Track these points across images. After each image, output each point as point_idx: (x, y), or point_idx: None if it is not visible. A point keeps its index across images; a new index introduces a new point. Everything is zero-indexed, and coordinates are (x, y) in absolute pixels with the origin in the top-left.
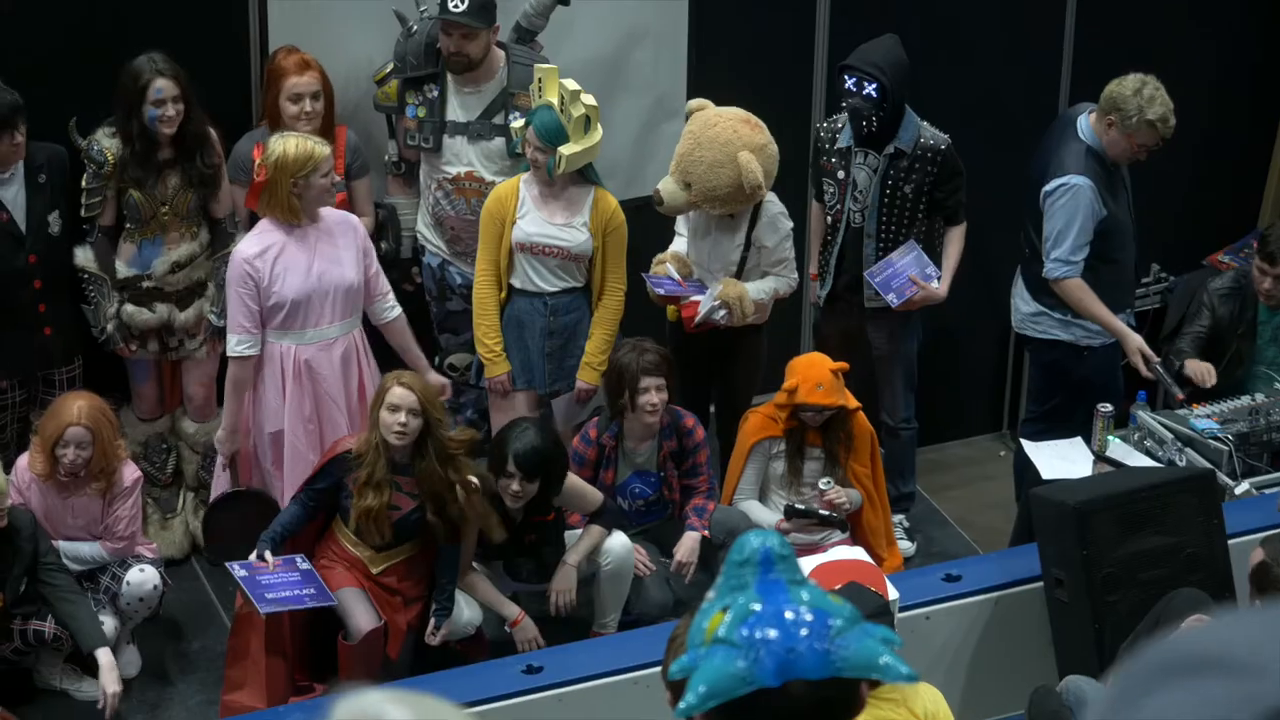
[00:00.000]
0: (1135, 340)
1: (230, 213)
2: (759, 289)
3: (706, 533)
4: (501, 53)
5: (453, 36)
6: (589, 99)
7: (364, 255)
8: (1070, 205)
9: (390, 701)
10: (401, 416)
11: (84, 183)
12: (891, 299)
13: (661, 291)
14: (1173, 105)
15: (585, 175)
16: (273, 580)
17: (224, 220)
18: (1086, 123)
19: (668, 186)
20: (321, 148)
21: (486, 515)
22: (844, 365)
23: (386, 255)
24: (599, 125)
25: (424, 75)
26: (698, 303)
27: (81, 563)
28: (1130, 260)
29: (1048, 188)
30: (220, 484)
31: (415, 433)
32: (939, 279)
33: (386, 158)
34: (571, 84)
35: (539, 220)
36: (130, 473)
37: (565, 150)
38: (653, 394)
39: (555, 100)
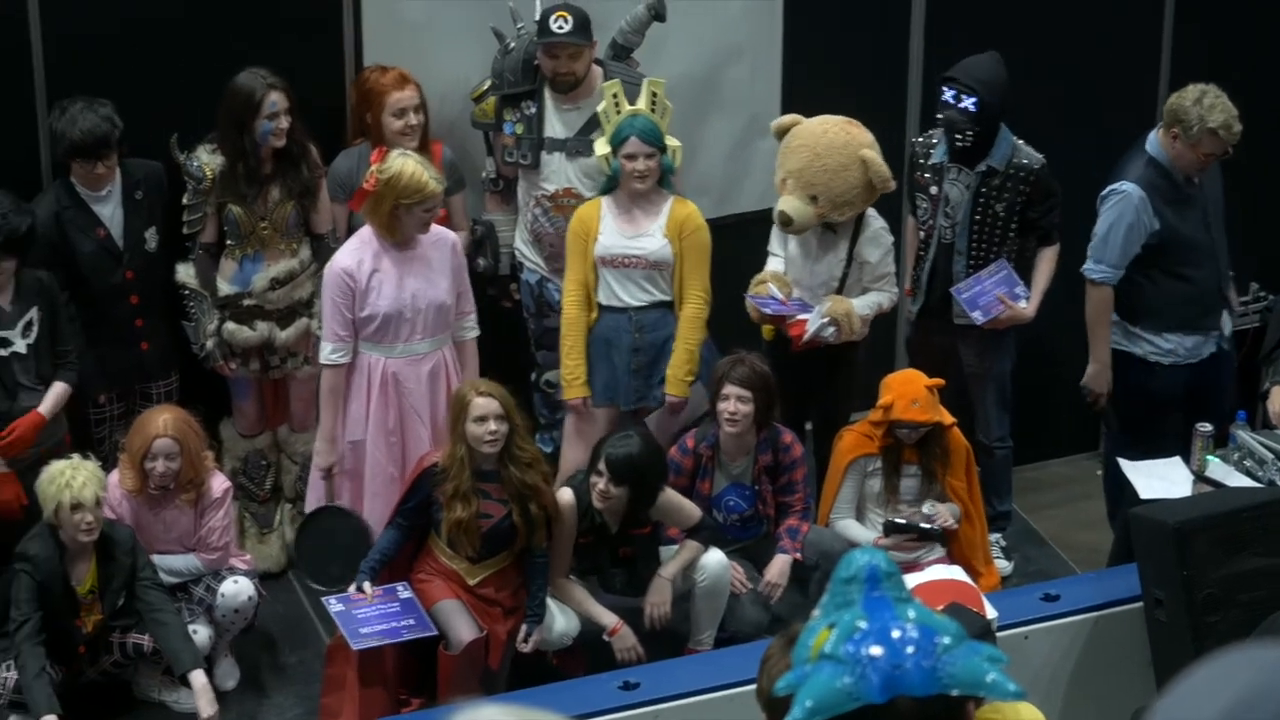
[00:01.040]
0: (1102, 376)
1: (331, 229)
2: (864, 304)
3: (798, 555)
4: (599, 70)
5: (560, 57)
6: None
7: (457, 273)
8: (1113, 211)
9: (505, 715)
10: (491, 425)
11: (185, 199)
12: (977, 316)
13: (769, 311)
14: (1236, 111)
15: (661, 184)
16: (369, 613)
17: (326, 236)
18: (1154, 137)
19: (793, 205)
20: (436, 185)
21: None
22: (939, 381)
23: (485, 272)
24: None
25: (521, 92)
26: (804, 321)
27: (176, 575)
28: (1208, 279)
29: (1102, 193)
30: (315, 493)
31: (504, 439)
32: (1027, 299)
33: (484, 175)
34: (660, 80)
35: (616, 233)
36: (219, 483)
37: (672, 143)
38: (732, 402)
39: (642, 104)
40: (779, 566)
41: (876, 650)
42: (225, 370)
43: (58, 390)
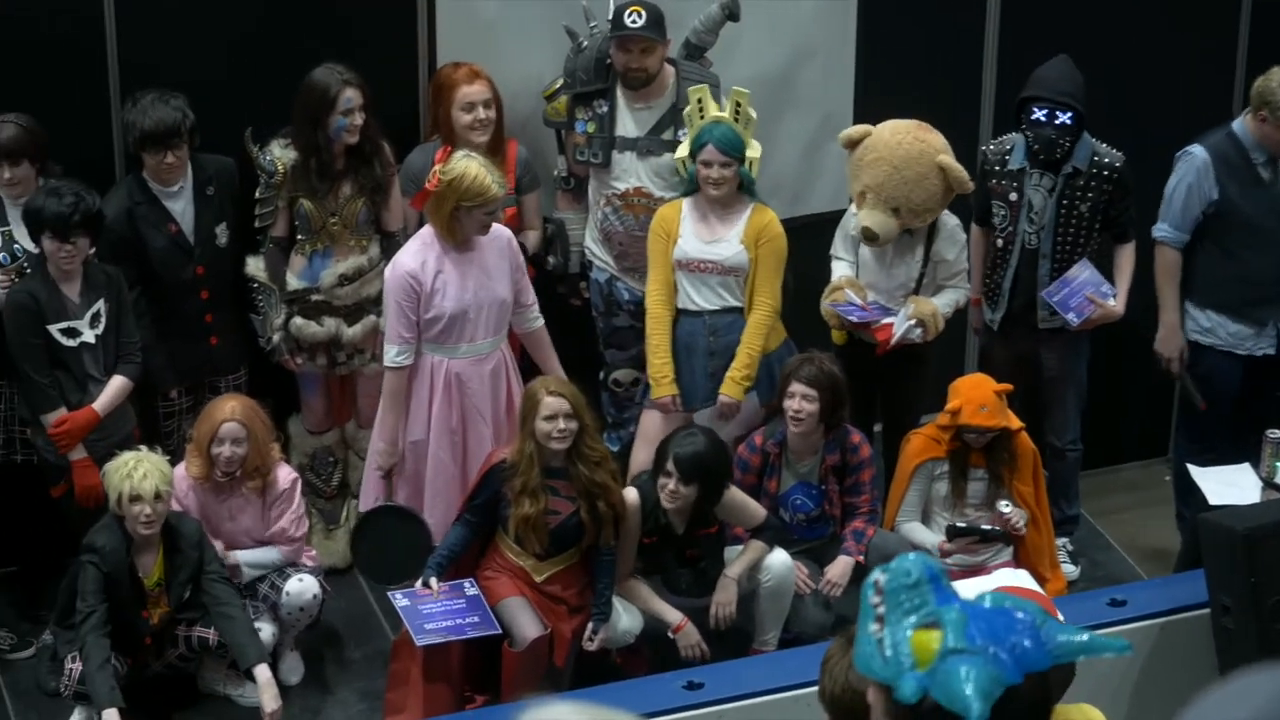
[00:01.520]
0: (1175, 342)
1: (402, 226)
2: (944, 303)
3: (861, 559)
4: (672, 69)
5: (632, 52)
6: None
7: (514, 269)
8: (1178, 172)
9: (575, 713)
10: (560, 423)
11: (257, 193)
12: (1071, 318)
13: (853, 319)
14: None
15: (744, 190)
16: (434, 609)
17: (397, 234)
18: (1241, 121)
19: (875, 219)
20: (498, 190)
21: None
22: (1008, 387)
23: (555, 270)
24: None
25: (594, 90)
26: (889, 325)
27: (259, 568)
28: (1266, 269)
29: (1176, 155)
30: (371, 492)
31: (574, 436)
32: (1114, 296)
33: (555, 173)
34: (744, 90)
35: (694, 238)
36: (286, 474)
37: (752, 154)
38: (797, 400)
39: (725, 113)
40: (840, 567)
41: (998, 634)
42: (291, 365)
43: (115, 385)
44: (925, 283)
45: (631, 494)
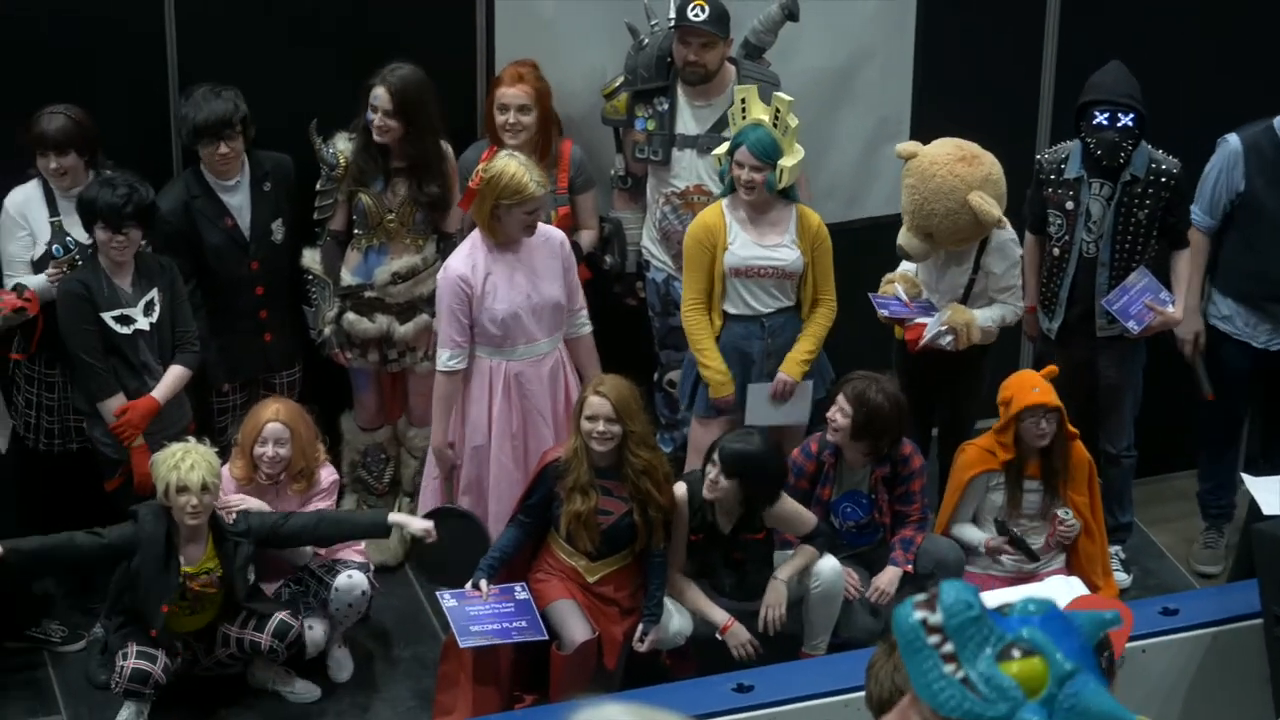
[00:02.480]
0: (1192, 325)
1: (460, 229)
2: (987, 316)
3: (909, 568)
4: (732, 68)
5: (691, 45)
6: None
7: (566, 270)
8: (1214, 158)
9: (625, 713)
10: (600, 425)
11: (318, 185)
12: (1131, 326)
13: (886, 313)
14: None
15: (785, 193)
16: (482, 612)
17: (455, 235)
18: None
19: (909, 242)
20: (536, 188)
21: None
22: (1052, 369)
23: (611, 269)
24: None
25: (654, 88)
26: (922, 325)
27: (304, 559)
28: None
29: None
30: (429, 496)
31: (615, 439)
32: (1173, 302)
33: (613, 172)
34: (787, 96)
35: (749, 243)
36: (328, 474)
37: (785, 163)
38: (833, 409)
39: (766, 117)
40: (889, 576)
41: (1071, 646)
42: (341, 359)
43: (174, 373)
44: (976, 292)
45: (680, 488)
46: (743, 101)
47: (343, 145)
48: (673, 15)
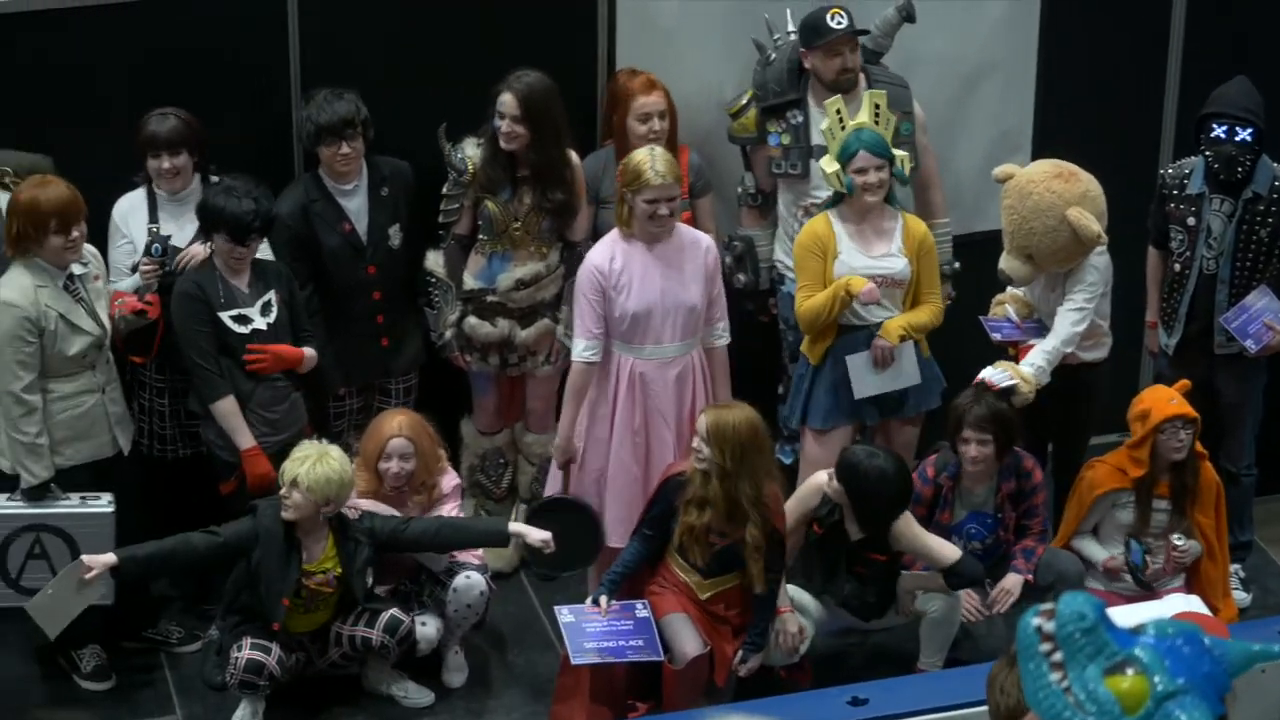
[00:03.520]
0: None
1: (585, 237)
2: (1030, 365)
3: (1030, 577)
4: (861, 73)
5: (843, 54)
6: None
7: (709, 278)
8: None
9: None
10: (695, 442)
11: (445, 189)
12: (1250, 345)
13: (999, 336)
14: None
15: (889, 200)
16: (599, 628)
17: (580, 244)
18: None
19: (1011, 265)
20: (654, 177)
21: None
22: (1185, 383)
23: (746, 287)
24: None
25: (786, 102)
26: (1034, 347)
27: (440, 565)
28: None
29: None
30: (552, 486)
31: (706, 462)
32: None
33: (740, 189)
34: (880, 91)
35: (857, 253)
36: (450, 480)
37: (899, 152)
38: (973, 447)
39: (864, 118)
40: (1012, 582)
41: (1191, 669)
42: (461, 362)
43: (310, 351)
44: None
45: (820, 475)
46: (838, 113)
47: (471, 151)
48: (792, 28)
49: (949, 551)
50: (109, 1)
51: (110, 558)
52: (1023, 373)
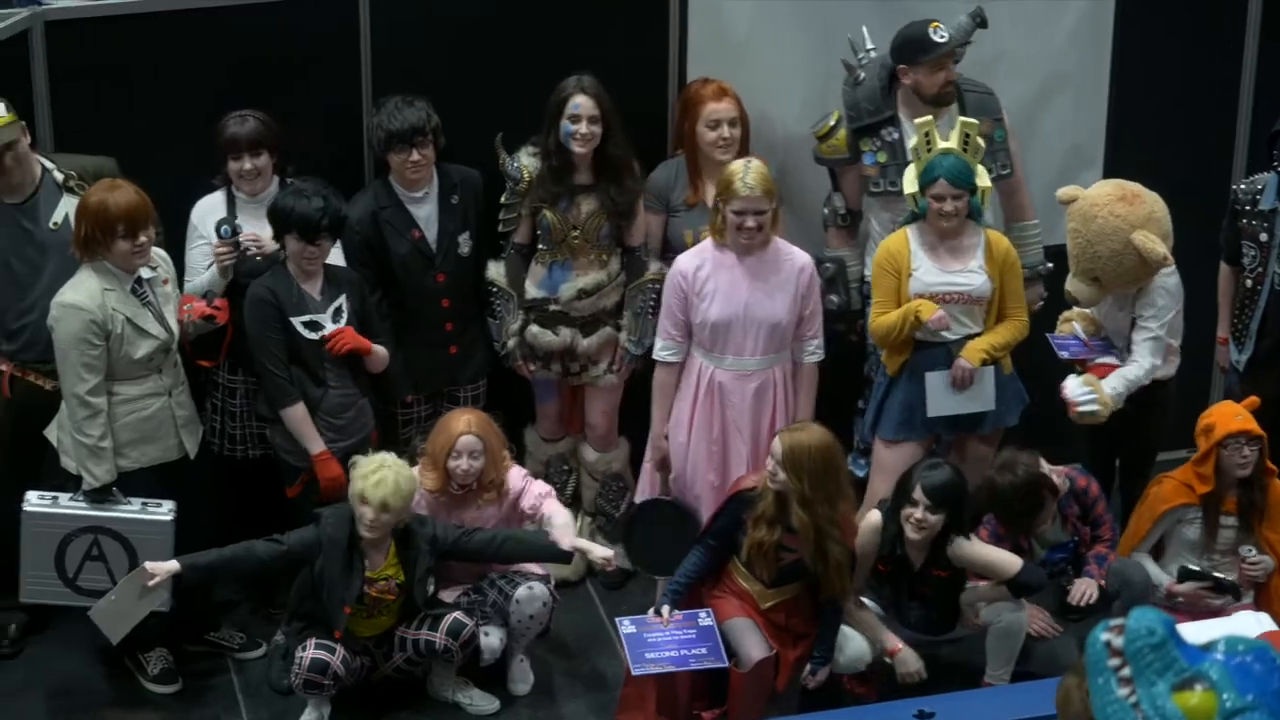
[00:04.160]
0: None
1: (644, 242)
2: (1111, 387)
3: (1103, 582)
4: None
5: (947, 67)
6: None
7: (803, 297)
8: None
9: None
10: (769, 465)
11: (502, 199)
12: None
13: (1066, 354)
14: None
15: (974, 217)
16: (661, 638)
17: (638, 249)
18: None
19: (1078, 287)
20: (742, 188)
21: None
22: (1254, 400)
23: (839, 308)
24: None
25: (879, 120)
26: (1105, 365)
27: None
28: None
29: None
30: (647, 485)
31: (782, 485)
32: None
33: (827, 210)
34: (974, 120)
35: (934, 269)
36: (517, 473)
37: (982, 183)
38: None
39: (954, 144)
40: (1088, 582)
41: (1261, 686)
42: (524, 371)
43: (382, 349)
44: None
45: (875, 516)
46: (926, 135)
47: (527, 159)
48: (871, 45)
49: (1011, 561)
50: (184, 7)
51: (173, 565)
52: (1105, 394)
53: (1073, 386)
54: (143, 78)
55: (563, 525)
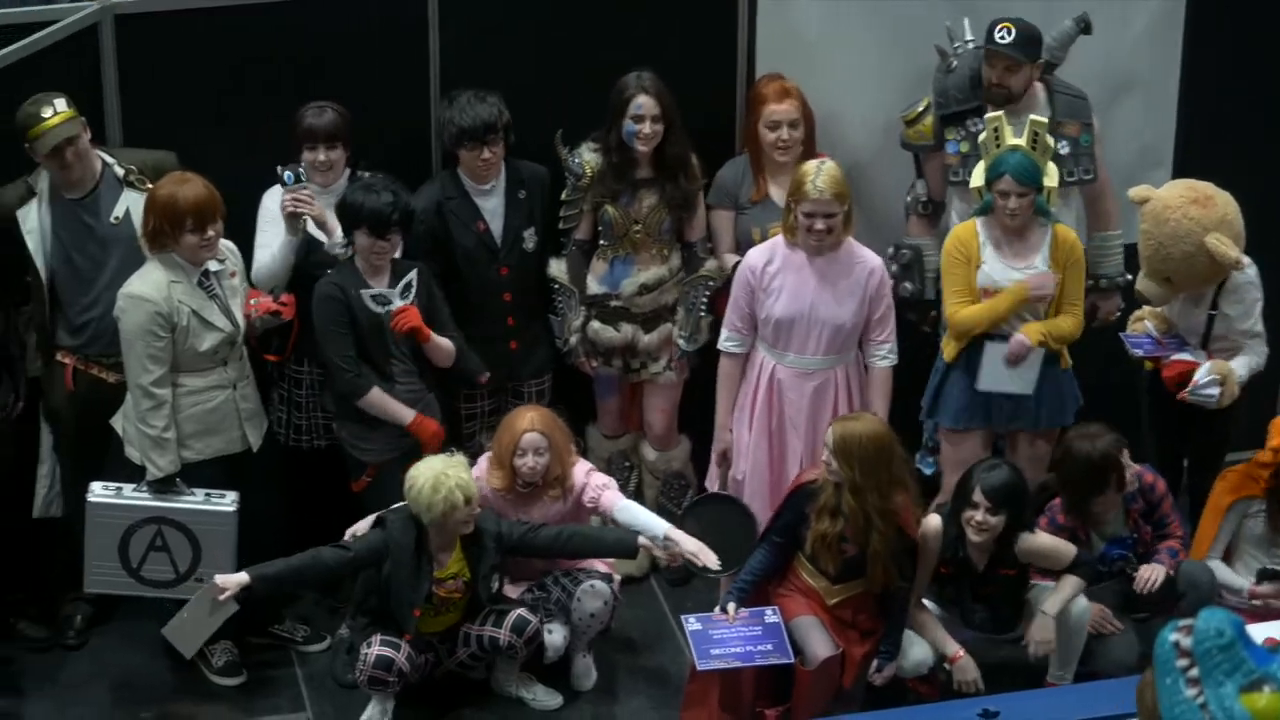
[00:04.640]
0: None
1: (703, 237)
2: (1238, 364)
3: (1173, 573)
4: (1041, 85)
5: (996, 67)
6: None
7: (871, 300)
8: None
9: None
10: (824, 454)
11: (564, 195)
12: None
13: (1140, 353)
14: None
15: (1043, 212)
16: (726, 634)
17: (696, 244)
18: None
19: (1149, 288)
20: (812, 190)
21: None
22: None
23: (912, 296)
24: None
25: (967, 110)
26: (1179, 363)
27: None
28: None
29: None
30: (711, 475)
31: (836, 474)
32: None
33: (909, 198)
34: (1042, 118)
35: (1000, 264)
36: (581, 468)
37: (1050, 182)
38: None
39: (1023, 141)
40: (1155, 568)
41: None
42: (586, 368)
43: (448, 341)
44: (1216, 333)
45: (934, 520)
46: (995, 130)
47: (588, 155)
48: (970, 35)
49: (1068, 548)
50: (253, 1)
51: (243, 577)
52: (1234, 383)
53: (1201, 372)
54: (211, 71)
55: (629, 509)
